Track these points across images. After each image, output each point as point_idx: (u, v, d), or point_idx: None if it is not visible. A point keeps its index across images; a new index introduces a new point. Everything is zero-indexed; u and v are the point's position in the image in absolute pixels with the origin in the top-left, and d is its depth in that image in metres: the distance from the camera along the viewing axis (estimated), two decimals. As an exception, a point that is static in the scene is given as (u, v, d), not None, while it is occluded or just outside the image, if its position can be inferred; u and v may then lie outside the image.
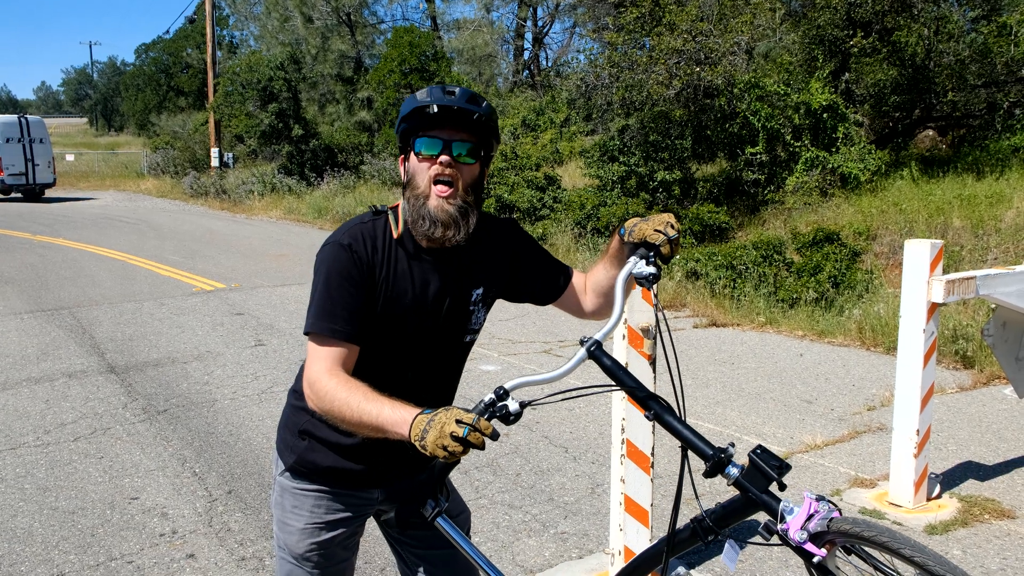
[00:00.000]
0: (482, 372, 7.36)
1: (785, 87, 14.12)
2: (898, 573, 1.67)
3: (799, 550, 1.66)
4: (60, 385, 6.99)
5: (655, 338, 3.58)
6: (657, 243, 2.00)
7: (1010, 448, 5.51)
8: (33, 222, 20.54)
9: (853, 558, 1.70)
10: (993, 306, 7.53)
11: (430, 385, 2.24)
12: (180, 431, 5.92)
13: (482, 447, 1.71)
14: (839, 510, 1.68)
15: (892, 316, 8.30)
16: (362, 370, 2.09)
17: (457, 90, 2.07)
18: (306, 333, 2.09)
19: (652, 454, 3.55)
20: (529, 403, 1.85)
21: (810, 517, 1.64)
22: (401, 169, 2.18)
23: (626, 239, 2.07)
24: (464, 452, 1.70)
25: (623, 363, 3.52)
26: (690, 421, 1.83)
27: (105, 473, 5.16)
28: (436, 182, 2.07)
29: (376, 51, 32.09)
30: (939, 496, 4.70)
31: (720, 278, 10.62)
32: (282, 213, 22.54)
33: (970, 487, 4.89)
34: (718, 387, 6.96)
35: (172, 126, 40.18)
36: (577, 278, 2.37)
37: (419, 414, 1.81)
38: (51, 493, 4.86)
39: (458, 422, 1.70)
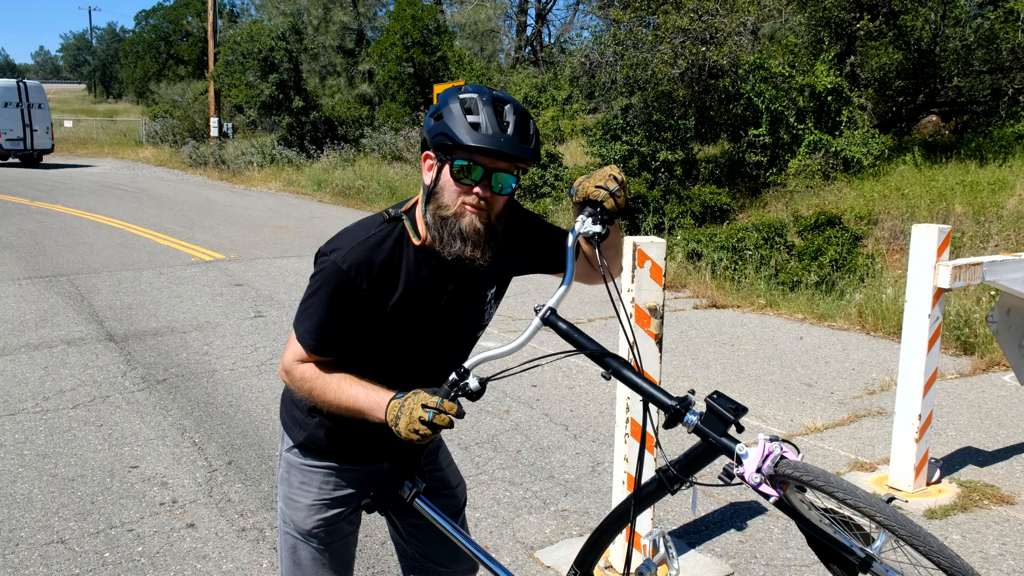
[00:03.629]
0: (481, 348, 7.34)
1: (790, 69, 14.05)
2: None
3: (758, 491, 1.68)
4: (59, 352, 6.97)
5: (662, 317, 3.57)
6: (600, 199, 1.97)
7: (1009, 435, 5.52)
8: (31, 188, 20.44)
9: (809, 494, 1.73)
10: (993, 292, 7.54)
11: (437, 371, 2.20)
12: (180, 401, 5.90)
13: (450, 426, 1.82)
14: (795, 448, 1.71)
15: (893, 301, 8.29)
16: (367, 356, 2.08)
17: (511, 120, 1.91)
18: (294, 326, 2.09)
19: (656, 433, 3.54)
20: (489, 379, 1.91)
21: (766, 458, 1.66)
22: (425, 171, 2.02)
23: (574, 199, 2.04)
24: (435, 434, 1.82)
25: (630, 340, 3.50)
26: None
27: (104, 441, 5.15)
28: (468, 203, 1.95)
29: (378, 23, 31.88)
30: (939, 481, 4.71)
31: (721, 260, 10.60)
32: (281, 185, 22.45)
33: (969, 472, 4.90)
34: (718, 368, 6.96)
35: (171, 94, 39.97)
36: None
37: (392, 399, 1.92)
38: (50, 460, 4.86)
39: (424, 407, 1.82)
